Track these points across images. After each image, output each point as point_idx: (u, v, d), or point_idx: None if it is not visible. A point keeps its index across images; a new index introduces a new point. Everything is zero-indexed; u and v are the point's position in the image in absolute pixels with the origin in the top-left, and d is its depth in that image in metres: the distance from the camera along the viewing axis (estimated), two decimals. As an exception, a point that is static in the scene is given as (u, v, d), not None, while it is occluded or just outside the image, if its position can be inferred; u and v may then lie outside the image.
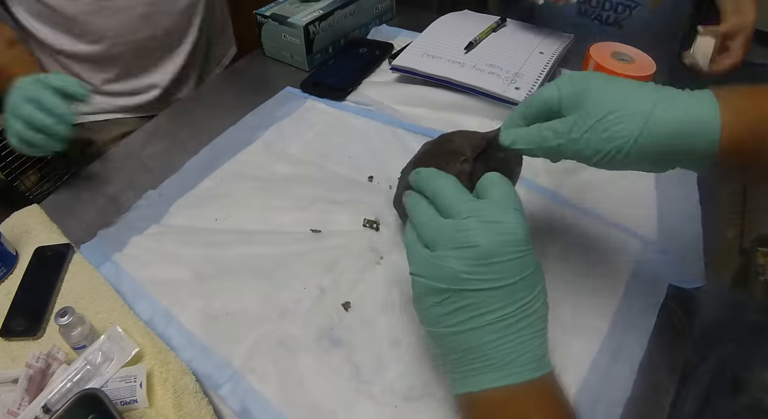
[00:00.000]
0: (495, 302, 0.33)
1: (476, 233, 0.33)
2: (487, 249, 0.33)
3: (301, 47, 0.79)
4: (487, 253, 0.33)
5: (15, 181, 0.75)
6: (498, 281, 0.33)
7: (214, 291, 0.50)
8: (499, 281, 0.33)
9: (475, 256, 0.33)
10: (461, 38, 0.77)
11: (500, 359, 0.33)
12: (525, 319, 0.34)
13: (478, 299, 0.33)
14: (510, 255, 0.33)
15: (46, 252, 0.54)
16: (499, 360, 0.33)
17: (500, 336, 0.33)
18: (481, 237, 0.33)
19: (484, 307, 0.33)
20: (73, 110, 0.56)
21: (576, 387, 0.42)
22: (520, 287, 0.33)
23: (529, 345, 0.33)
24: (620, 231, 0.54)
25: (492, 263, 0.33)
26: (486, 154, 0.43)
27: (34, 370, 0.42)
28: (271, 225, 0.57)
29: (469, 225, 0.34)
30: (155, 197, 0.61)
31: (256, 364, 0.45)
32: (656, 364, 0.44)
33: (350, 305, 0.49)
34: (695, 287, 0.50)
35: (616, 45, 0.73)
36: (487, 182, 0.37)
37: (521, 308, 0.33)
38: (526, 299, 0.34)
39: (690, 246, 0.53)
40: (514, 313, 0.33)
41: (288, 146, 0.68)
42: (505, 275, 0.33)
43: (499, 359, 0.33)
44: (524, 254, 0.34)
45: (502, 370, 0.33)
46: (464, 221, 0.34)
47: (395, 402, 0.42)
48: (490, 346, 0.34)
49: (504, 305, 0.33)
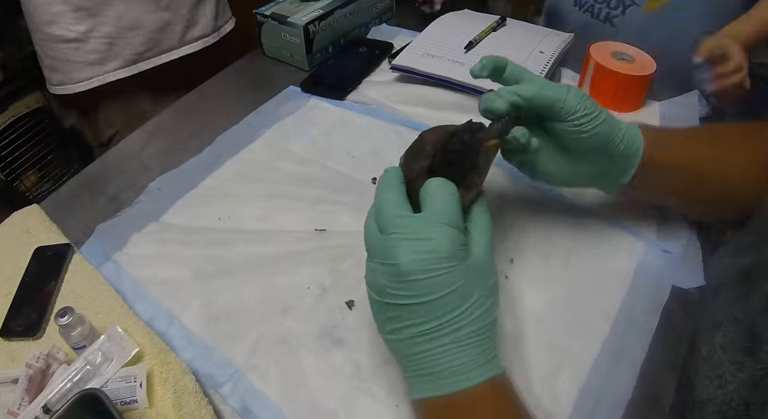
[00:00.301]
0: (415, 316, 0.34)
1: (397, 251, 0.34)
2: (406, 267, 0.34)
3: (301, 47, 0.79)
4: (405, 271, 0.34)
5: (15, 181, 0.76)
6: (418, 297, 0.34)
7: (215, 290, 0.50)
8: (419, 297, 0.34)
9: (395, 273, 0.34)
10: (461, 38, 0.77)
11: (427, 370, 0.35)
12: (452, 333, 0.34)
13: (400, 313, 0.35)
14: (430, 273, 0.34)
15: (46, 252, 0.54)
16: (425, 371, 0.35)
17: (424, 349, 0.34)
18: (401, 254, 0.34)
19: (405, 320, 0.35)
20: None
21: (578, 389, 0.42)
22: (445, 302, 0.34)
23: (458, 358, 0.34)
24: (622, 231, 0.54)
25: (411, 281, 0.34)
26: (445, 147, 0.41)
27: (34, 370, 0.42)
28: (274, 224, 0.57)
29: (392, 242, 0.35)
30: (155, 191, 0.61)
31: (258, 362, 0.45)
32: (657, 365, 0.44)
33: (354, 304, 0.48)
34: (695, 287, 0.50)
35: (617, 44, 0.73)
36: (426, 192, 0.37)
37: (447, 322, 0.34)
38: (454, 314, 0.34)
39: (690, 246, 0.53)
40: (439, 327, 0.34)
41: (291, 144, 0.68)
42: (425, 292, 0.34)
43: (425, 370, 0.35)
44: (448, 270, 0.34)
45: (429, 382, 0.35)
46: (389, 237, 0.35)
47: (396, 402, 0.42)
48: (416, 357, 0.35)
49: (425, 320, 0.34)
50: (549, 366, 0.44)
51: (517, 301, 0.48)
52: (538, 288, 0.49)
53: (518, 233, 0.54)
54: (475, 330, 0.35)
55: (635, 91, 0.70)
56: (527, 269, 0.51)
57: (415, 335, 0.35)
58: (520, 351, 0.45)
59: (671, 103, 0.71)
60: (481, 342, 0.35)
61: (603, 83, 0.70)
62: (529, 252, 0.52)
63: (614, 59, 0.70)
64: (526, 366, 0.44)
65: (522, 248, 0.53)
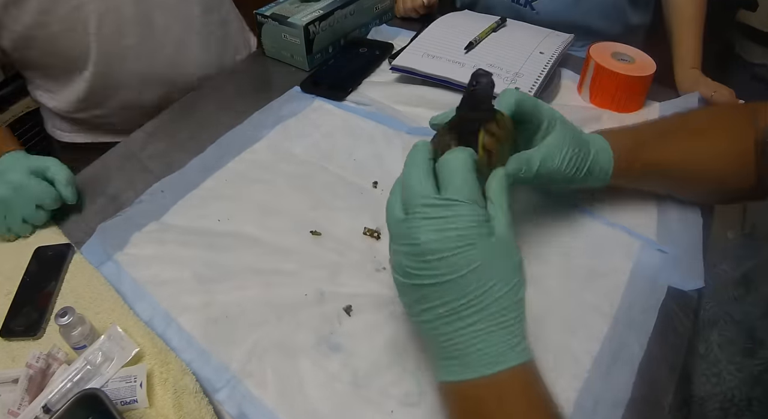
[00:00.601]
0: (440, 296, 0.34)
1: (418, 232, 0.34)
2: (427, 246, 0.34)
3: (301, 47, 0.79)
4: (427, 250, 0.34)
5: (15, 181, 0.76)
6: (441, 276, 0.34)
7: (213, 293, 0.50)
8: (442, 276, 0.34)
9: (418, 253, 0.34)
10: (461, 38, 0.77)
11: (456, 352, 0.34)
12: (478, 312, 0.34)
13: (426, 294, 0.35)
14: (452, 251, 0.34)
15: (46, 252, 0.54)
16: (455, 354, 0.34)
17: (452, 329, 0.34)
18: (422, 235, 0.34)
19: (432, 301, 0.35)
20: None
21: (577, 388, 0.42)
22: (469, 280, 0.34)
23: (486, 339, 0.34)
24: (620, 231, 0.54)
25: (433, 260, 0.34)
26: (459, 121, 0.41)
27: (35, 370, 0.42)
28: (273, 228, 0.56)
29: (413, 223, 0.35)
30: (157, 192, 0.61)
31: (254, 368, 0.45)
32: (656, 365, 0.44)
33: (352, 309, 0.48)
34: (695, 288, 0.50)
35: (617, 45, 0.73)
36: (445, 167, 0.37)
37: (472, 301, 0.34)
38: (478, 291, 0.34)
39: (690, 247, 0.53)
40: (464, 306, 0.34)
41: (293, 146, 0.68)
42: (448, 270, 0.34)
43: (455, 352, 0.34)
44: (469, 248, 0.34)
45: (459, 365, 0.34)
46: (410, 218, 0.35)
47: (392, 407, 0.42)
48: (444, 339, 0.35)
49: (450, 299, 0.34)
50: (548, 365, 0.44)
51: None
52: (536, 288, 0.49)
53: (517, 233, 0.54)
54: (500, 310, 0.34)
55: (635, 92, 0.70)
56: (525, 269, 0.51)
57: (441, 316, 0.34)
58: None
59: (671, 104, 0.72)
60: (508, 323, 0.34)
61: (603, 84, 0.70)
62: (527, 252, 0.53)
63: (614, 60, 0.70)
64: (527, 366, 0.44)
65: (520, 248, 0.53)
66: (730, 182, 0.50)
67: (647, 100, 0.72)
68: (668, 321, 0.47)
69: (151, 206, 0.59)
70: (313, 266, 0.52)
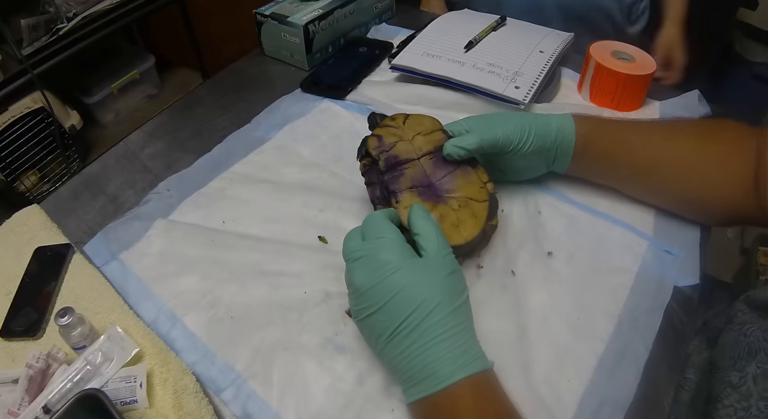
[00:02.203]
0: (381, 324, 0.37)
1: (351, 274, 0.39)
2: (358, 283, 0.38)
3: (301, 46, 0.79)
4: (359, 286, 0.38)
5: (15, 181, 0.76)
6: (375, 305, 0.37)
7: (219, 294, 0.50)
8: (376, 305, 0.37)
9: (353, 292, 0.39)
10: (461, 37, 0.77)
11: (407, 374, 0.37)
12: (414, 330, 0.36)
13: (372, 325, 0.38)
14: (377, 279, 0.37)
15: (46, 252, 0.54)
16: (407, 374, 0.37)
17: (398, 352, 0.37)
18: (353, 275, 0.39)
19: (378, 330, 0.38)
20: None
21: (582, 389, 0.42)
22: (399, 302, 0.36)
23: (426, 356, 0.36)
24: (626, 231, 0.54)
25: (365, 292, 0.38)
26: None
27: (35, 370, 0.42)
28: (279, 230, 0.56)
29: (348, 268, 0.40)
30: (164, 191, 0.61)
31: (259, 369, 0.45)
32: (658, 365, 0.44)
33: None
34: (693, 285, 0.50)
35: (617, 44, 0.73)
36: (365, 224, 0.42)
37: (406, 321, 0.36)
38: (408, 311, 0.36)
39: (690, 246, 0.53)
40: (401, 328, 0.36)
41: (301, 148, 0.67)
42: (379, 299, 0.37)
43: (407, 374, 0.37)
44: (391, 272, 0.37)
45: (413, 386, 0.37)
46: (346, 266, 0.40)
47: (392, 406, 0.42)
48: (396, 363, 0.37)
49: (389, 324, 0.37)
50: (553, 366, 0.44)
51: (521, 301, 0.48)
52: (542, 287, 0.50)
53: (521, 232, 0.54)
54: (434, 324, 0.36)
55: (635, 91, 0.70)
56: (530, 269, 0.51)
57: (387, 341, 0.37)
58: (523, 351, 0.45)
59: (671, 103, 0.71)
60: (448, 337, 0.36)
61: (603, 83, 0.70)
62: (531, 251, 0.52)
63: (614, 59, 0.70)
64: (530, 366, 0.44)
65: (524, 247, 0.53)
66: (711, 191, 0.49)
67: (647, 99, 0.72)
68: (668, 321, 0.47)
69: (157, 205, 0.59)
70: (318, 268, 0.52)
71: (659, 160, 0.51)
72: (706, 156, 0.49)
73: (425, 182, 0.49)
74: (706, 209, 0.52)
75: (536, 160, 0.53)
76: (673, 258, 0.52)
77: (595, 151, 0.52)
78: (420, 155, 0.51)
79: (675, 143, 0.51)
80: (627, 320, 0.47)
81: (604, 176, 0.56)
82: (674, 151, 0.50)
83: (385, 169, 0.50)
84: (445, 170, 0.50)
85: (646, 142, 0.51)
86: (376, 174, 0.51)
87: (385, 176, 0.49)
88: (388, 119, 0.54)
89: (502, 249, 0.52)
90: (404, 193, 0.48)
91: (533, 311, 0.48)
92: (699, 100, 0.70)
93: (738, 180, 0.48)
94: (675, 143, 0.51)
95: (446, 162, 0.50)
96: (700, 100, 0.70)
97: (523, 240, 0.53)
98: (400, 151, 0.51)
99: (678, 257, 0.52)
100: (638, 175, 0.53)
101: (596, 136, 0.52)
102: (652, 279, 0.50)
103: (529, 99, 0.67)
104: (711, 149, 0.50)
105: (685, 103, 0.71)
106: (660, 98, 0.72)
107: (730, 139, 0.50)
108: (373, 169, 0.52)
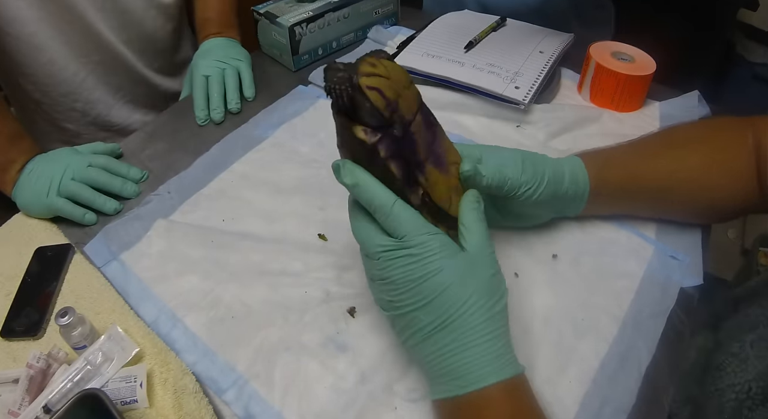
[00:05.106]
0: (418, 321, 0.36)
1: (387, 271, 0.37)
2: (398, 281, 0.37)
3: (287, 47, 0.79)
4: (398, 284, 0.37)
5: (15, 181, 0.76)
6: (415, 303, 0.36)
7: (219, 294, 0.50)
8: (416, 303, 0.36)
9: (391, 288, 0.37)
10: (461, 38, 0.77)
11: (440, 371, 0.36)
12: (453, 331, 0.35)
13: (407, 321, 0.37)
14: (420, 279, 0.36)
15: (46, 252, 0.54)
16: (439, 372, 0.36)
17: (433, 350, 0.36)
18: (392, 273, 0.37)
19: (413, 326, 0.37)
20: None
21: (584, 389, 0.42)
22: (441, 302, 0.36)
23: (463, 358, 0.35)
24: (632, 235, 0.54)
25: (404, 291, 0.37)
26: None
27: (35, 370, 0.42)
28: (279, 229, 0.56)
29: (382, 264, 0.37)
30: (164, 193, 0.61)
31: (261, 369, 0.45)
32: (660, 367, 0.44)
33: (356, 311, 0.48)
34: (694, 285, 0.50)
35: (617, 44, 0.73)
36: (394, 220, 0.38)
37: (446, 321, 0.36)
38: (450, 311, 0.36)
39: (693, 248, 0.53)
40: (440, 327, 0.36)
41: (299, 145, 0.67)
42: (420, 297, 0.36)
43: (439, 371, 0.36)
44: (435, 273, 0.36)
45: (443, 384, 0.36)
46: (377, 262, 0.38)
47: (396, 404, 0.42)
48: (429, 360, 0.37)
49: (427, 322, 0.36)
50: (555, 366, 0.44)
51: (525, 301, 0.48)
52: (546, 289, 0.49)
53: (526, 234, 0.54)
54: (475, 327, 0.35)
55: (635, 91, 0.70)
56: (535, 270, 0.51)
57: (424, 338, 0.36)
58: (526, 351, 0.45)
59: (671, 104, 0.71)
60: (486, 341, 0.35)
61: (603, 83, 0.70)
62: (536, 253, 0.52)
63: (614, 59, 0.70)
64: (533, 366, 0.44)
65: (529, 250, 0.53)
66: (721, 197, 0.49)
67: (647, 100, 0.72)
68: (668, 321, 0.47)
69: (158, 206, 0.59)
70: (319, 267, 0.52)
71: (668, 186, 0.50)
72: (713, 169, 0.49)
73: (432, 150, 0.39)
74: (714, 214, 0.53)
75: (548, 206, 0.49)
76: (678, 263, 0.52)
77: (607, 192, 0.50)
78: (414, 114, 0.39)
79: (680, 163, 0.50)
80: (631, 323, 0.47)
81: (614, 210, 0.54)
82: (682, 172, 0.49)
83: (402, 135, 0.37)
84: (431, 132, 0.40)
85: (653, 170, 0.50)
86: (393, 143, 0.37)
87: (403, 145, 0.37)
88: (369, 66, 0.36)
89: (507, 252, 0.52)
90: (427, 166, 0.38)
91: (537, 312, 0.48)
92: (699, 101, 0.70)
93: (744, 179, 0.48)
94: (681, 164, 0.50)
95: (429, 122, 0.41)
96: (700, 101, 0.70)
97: (527, 243, 0.53)
98: (404, 110, 0.38)
99: (683, 262, 0.52)
100: (649, 202, 0.52)
101: (606, 175, 0.50)
102: (657, 284, 0.50)
103: (529, 99, 0.67)
104: (716, 158, 0.49)
105: (685, 104, 0.71)
106: (660, 99, 0.72)
107: (731, 142, 0.49)
108: (385, 137, 0.36)
